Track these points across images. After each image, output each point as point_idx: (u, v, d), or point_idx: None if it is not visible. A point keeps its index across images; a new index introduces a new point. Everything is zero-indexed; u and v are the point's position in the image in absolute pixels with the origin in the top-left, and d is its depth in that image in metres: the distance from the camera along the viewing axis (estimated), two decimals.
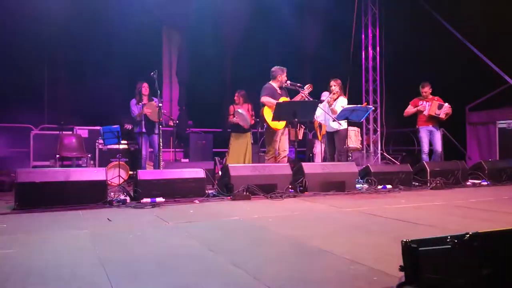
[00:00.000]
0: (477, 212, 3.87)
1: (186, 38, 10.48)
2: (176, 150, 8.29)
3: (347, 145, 6.54)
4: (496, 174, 6.43)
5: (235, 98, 6.97)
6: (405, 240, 1.86)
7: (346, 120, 6.28)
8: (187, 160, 8.21)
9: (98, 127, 7.27)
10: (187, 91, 10.49)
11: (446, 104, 6.94)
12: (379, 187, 5.52)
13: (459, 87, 8.49)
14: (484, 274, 1.57)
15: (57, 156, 6.86)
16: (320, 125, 7.45)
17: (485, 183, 6.16)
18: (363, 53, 10.33)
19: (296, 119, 5.81)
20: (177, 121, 8.64)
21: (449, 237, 1.71)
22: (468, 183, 6.19)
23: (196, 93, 9.92)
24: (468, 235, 1.63)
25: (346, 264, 2.16)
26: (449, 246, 1.70)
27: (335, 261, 2.23)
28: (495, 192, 5.41)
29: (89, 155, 7.13)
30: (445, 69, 8.57)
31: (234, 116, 6.81)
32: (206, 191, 4.78)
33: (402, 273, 1.85)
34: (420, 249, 1.82)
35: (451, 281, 1.71)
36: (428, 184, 5.81)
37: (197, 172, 4.77)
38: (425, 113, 7.04)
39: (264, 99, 5.95)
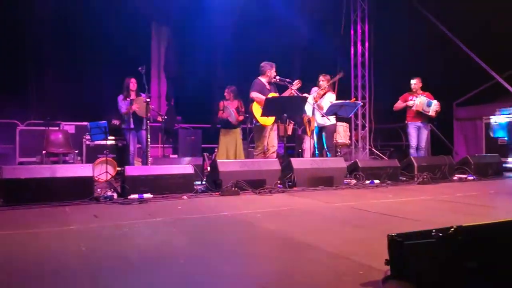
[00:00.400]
0: (463, 207, 3.92)
1: (175, 34, 10.39)
2: (165, 146, 8.25)
3: (336, 140, 6.57)
4: (482, 169, 6.52)
5: (225, 94, 6.93)
6: (390, 234, 1.87)
7: (334, 116, 6.30)
8: (176, 156, 8.17)
9: (85, 123, 7.19)
10: (176, 87, 10.42)
11: (435, 101, 6.98)
12: (367, 182, 5.55)
13: (447, 83, 8.58)
14: (468, 267, 1.59)
15: (44, 152, 6.78)
16: (309, 121, 7.46)
17: (471, 177, 6.24)
18: (352, 49, 10.36)
19: (285, 115, 5.81)
20: (166, 117, 8.59)
21: (434, 231, 1.73)
22: (455, 178, 6.26)
23: (185, 89, 9.85)
24: (452, 229, 1.64)
25: (333, 259, 2.17)
26: (434, 240, 1.72)
27: (322, 256, 2.23)
28: (481, 187, 5.49)
29: (76, 151, 7.05)
30: (433, 65, 8.64)
31: (223, 111, 6.77)
32: (195, 187, 4.77)
33: (388, 267, 1.86)
34: (405, 243, 1.83)
35: (436, 274, 1.72)
36: (415, 179, 5.86)
37: (186, 168, 4.74)
38: (414, 108, 7.09)
39: (253, 94, 5.93)
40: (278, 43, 9.97)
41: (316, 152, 6.79)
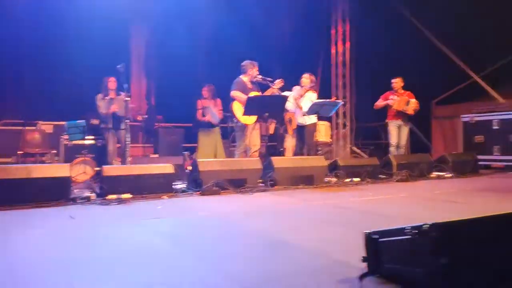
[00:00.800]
0: (440, 204, 3.99)
1: (155, 32, 10.28)
2: (145, 145, 8.16)
3: (317, 139, 6.61)
4: (460, 166, 6.65)
5: (204, 92, 6.89)
6: (367, 231, 1.88)
7: (316, 115, 6.34)
8: (157, 155, 8.08)
9: (63, 122, 7.04)
10: (157, 86, 10.31)
11: (413, 100, 7.11)
12: (347, 180, 5.60)
13: (426, 82, 8.72)
14: (441, 263, 1.61)
15: (20, 152, 6.61)
16: (290, 120, 7.48)
17: (449, 175, 6.36)
18: (333, 49, 10.44)
19: (266, 114, 5.81)
20: (146, 116, 8.49)
21: (408, 227, 1.74)
22: (433, 175, 6.37)
23: (166, 88, 9.75)
24: (426, 225, 1.66)
25: (312, 257, 2.18)
26: (409, 236, 1.74)
27: (300, 254, 2.24)
28: (458, 184, 5.60)
29: (54, 151, 6.90)
30: (412, 64, 8.77)
31: (202, 112, 6.71)
32: (175, 187, 4.72)
33: (365, 264, 1.88)
34: (381, 240, 1.85)
35: (411, 270, 1.74)
36: (395, 177, 5.95)
37: (166, 168, 4.69)
38: (394, 107, 7.18)
39: (234, 93, 5.91)
40: (260, 42, 9.97)
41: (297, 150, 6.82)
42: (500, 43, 8.17)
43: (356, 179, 5.65)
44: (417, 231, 1.71)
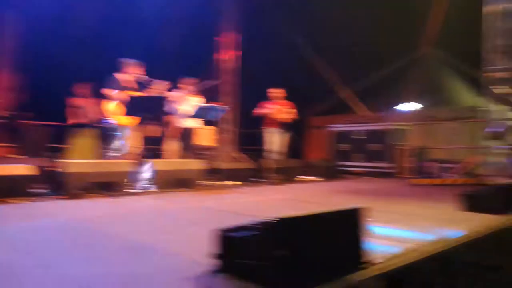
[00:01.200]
0: (301, 203, 4.35)
1: (30, 23, 9.30)
2: (9, 144, 7.30)
3: (200, 142, 6.65)
4: (324, 171, 7.37)
5: (80, 90, 6.45)
6: (219, 229, 1.95)
7: (201, 119, 6.39)
8: (22, 156, 7.27)
9: None
10: (30, 81, 9.31)
11: (290, 109, 7.62)
12: (226, 183, 5.74)
13: (306, 93, 9.43)
14: (279, 255, 1.73)
15: None
16: (171, 122, 7.40)
17: (315, 178, 6.97)
18: (222, 55, 10.64)
19: (147, 115, 5.67)
20: (14, 112, 7.65)
21: (256, 223, 1.85)
22: (303, 178, 6.90)
23: (40, 84, 8.85)
24: (271, 221, 1.78)
25: (167, 258, 2.17)
26: (257, 232, 1.85)
27: (155, 256, 2.21)
28: (323, 187, 6.15)
29: None
30: (295, 76, 9.42)
31: (77, 111, 6.28)
32: (36, 190, 4.30)
33: (217, 261, 1.93)
34: (232, 236, 1.93)
35: (257, 264, 1.84)
36: (269, 180, 6.29)
37: (24, 169, 4.24)
38: (271, 115, 7.58)
39: (109, 92, 5.62)
40: (149, 44, 9.69)
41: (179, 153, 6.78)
42: (370, 61, 9.28)
43: (234, 182, 5.84)
44: (263, 226, 1.83)
